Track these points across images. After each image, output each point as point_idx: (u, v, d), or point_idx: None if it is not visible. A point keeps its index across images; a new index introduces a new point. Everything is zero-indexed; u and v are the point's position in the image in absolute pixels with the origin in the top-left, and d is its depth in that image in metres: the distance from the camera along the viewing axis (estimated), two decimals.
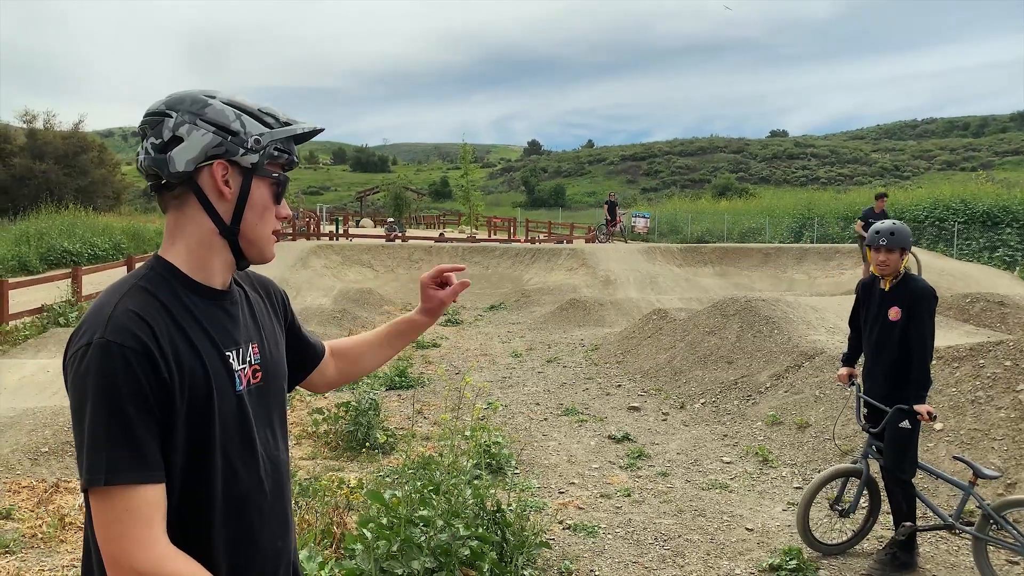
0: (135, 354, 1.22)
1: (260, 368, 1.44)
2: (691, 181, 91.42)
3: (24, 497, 5.11)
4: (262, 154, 1.37)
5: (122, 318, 1.24)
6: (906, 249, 4.33)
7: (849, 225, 29.93)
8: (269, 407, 1.47)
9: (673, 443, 7.03)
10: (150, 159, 1.33)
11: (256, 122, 1.38)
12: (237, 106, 1.37)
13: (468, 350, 11.75)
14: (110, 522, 1.19)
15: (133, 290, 1.30)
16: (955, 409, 6.05)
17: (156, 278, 1.33)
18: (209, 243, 1.37)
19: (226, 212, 1.37)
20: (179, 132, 1.32)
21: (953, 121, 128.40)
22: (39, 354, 9.85)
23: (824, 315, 9.91)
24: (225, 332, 1.38)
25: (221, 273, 1.41)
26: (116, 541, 1.19)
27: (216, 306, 1.39)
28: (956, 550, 4.73)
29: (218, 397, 1.32)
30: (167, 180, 1.34)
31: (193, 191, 1.35)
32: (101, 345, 1.21)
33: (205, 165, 1.34)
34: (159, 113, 1.35)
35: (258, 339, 1.46)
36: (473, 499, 4.13)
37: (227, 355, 1.36)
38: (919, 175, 79.68)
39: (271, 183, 1.40)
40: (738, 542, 4.87)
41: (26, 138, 42.66)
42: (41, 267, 20.99)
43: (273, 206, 1.42)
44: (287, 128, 1.41)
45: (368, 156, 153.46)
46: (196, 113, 1.33)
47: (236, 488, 1.35)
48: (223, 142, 1.33)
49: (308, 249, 19.99)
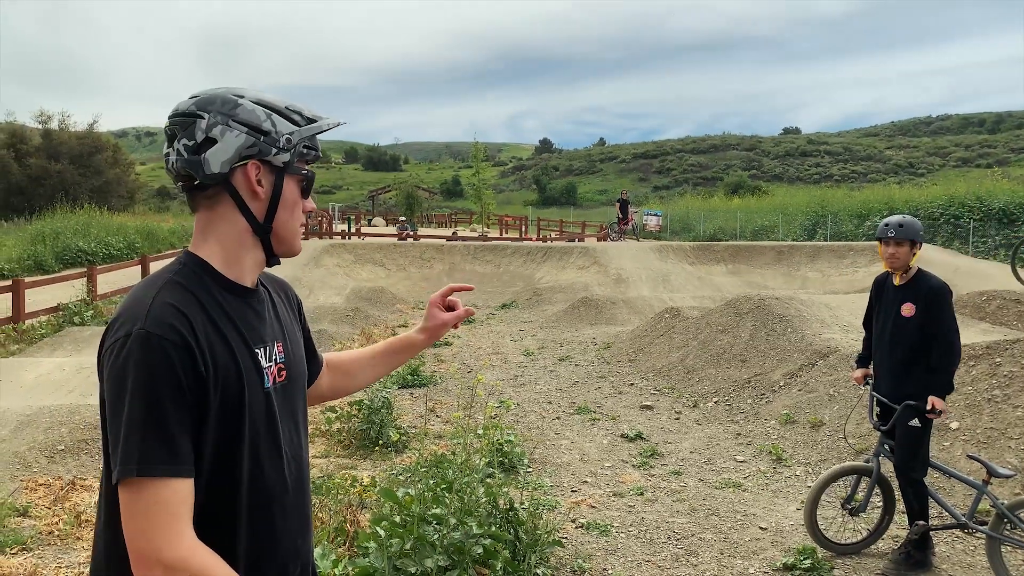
0: (174, 347, 1.23)
1: (285, 367, 1.45)
2: (703, 179, 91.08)
3: (41, 495, 5.16)
4: (293, 152, 1.39)
5: (161, 311, 1.25)
6: (916, 242, 4.29)
7: (863, 222, 29.75)
8: (293, 406, 1.48)
9: (686, 442, 7.01)
10: (183, 161, 1.34)
11: (285, 121, 1.39)
12: (266, 105, 1.38)
13: (480, 349, 11.76)
14: (139, 514, 1.19)
15: (169, 284, 1.31)
16: (971, 408, 6.01)
17: (190, 274, 1.35)
18: (242, 241, 1.39)
19: (259, 211, 1.39)
20: (212, 133, 1.33)
21: (968, 117, 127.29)
22: (55, 352, 9.94)
23: (838, 313, 9.85)
24: (254, 330, 1.39)
25: (251, 271, 1.43)
26: (144, 534, 1.19)
27: (245, 304, 1.40)
28: (972, 550, 4.69)
29: (248, 394, 1.33)
30: (201, 181, 1.35)
31: (227, 191, 1.36)
32: (141, 336, 1.21)
33: (239, 166, 1.35)
34: (190, 114, 1.35)
35: (282, 338, 1.47)
36: (486, 497, 4.13)
37: (256, 352, 1.37)
38: (934, 172, 79.05)
39: (300, 179, 1.43)
40: (752, 541, 4.85)
41: (41, 138, 43.05)
42: (57, 266, 21.16)
43: (301, 201, 1.45)
44: (314, 125, 1.43)
45: (380, 155, 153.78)
46: (228, 114, 1.34)
47: (261, 485, 1.36)
48: (256, 143, 1.35)
49: (321, 248, 20.06)
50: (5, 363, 8.77)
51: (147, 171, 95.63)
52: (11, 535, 4.47)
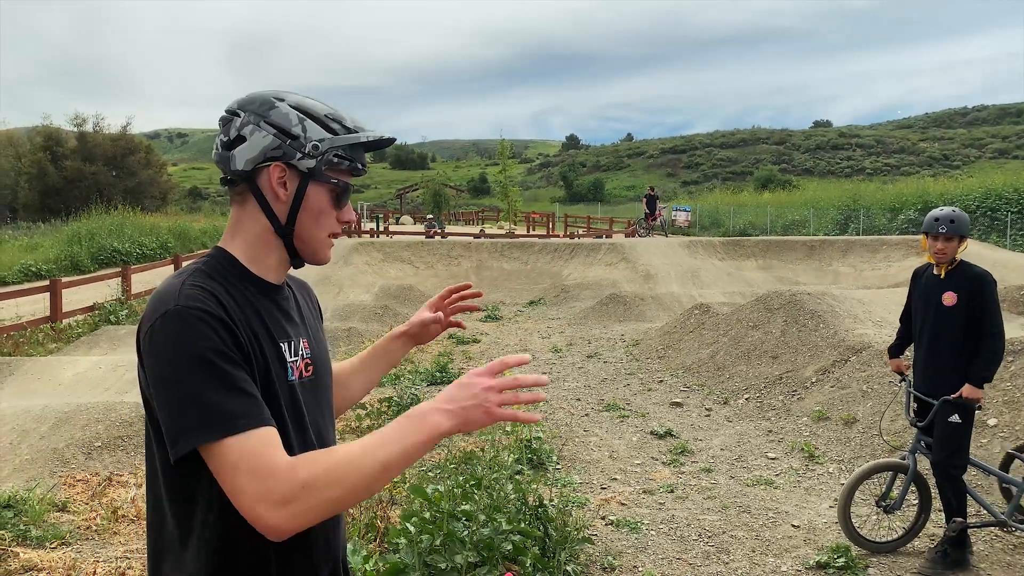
0: (211, 317, 1.25)
1: (311, 362, 1.46)
2: (733, 173, 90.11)
3: (79, 490, 5.26)
4: (320, 160, 1.39)
5: (192, 291, 1.27)
6: (965, 236, 4.21)
7: (896, 216, 29.27)
8: (321, 401, 1.49)
9: (717, 439, 6.95)
10: (217, 155, 1.41)
11: (320, 127, 1.40)
12: (304, 110, 1.40)
13: (508, 345, 11.76)
14: (233, 471, 1.18)
15: (196, 273, 1.34)
16: (1010, 404, 5.88)
17: (216, 265, 1.37)
18: (265, 240, 1.41)
19: (281, 212, 1.40)
20: (243, 132, 1.37)
21: (1006, 108, 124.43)
22: (91, 351, 10.13)
23: (871, 308, 9.70)
24: (278, 324, 1.40)
25: (276, 269, 1.44)
26: (245, 490, 1.17)
27: (270, 299, 1.42)
28: (1012, 548, 4.59)
29: (277, 383, 1.34)
30: (230, 177, 1.40)
31: (251, 190, 1.39)
32: (177, 312, 1.23)
33: (264, 166, 1.37)
34: (231, 112, 1.41)
35: (307, 335, 1.48)
36: (515, 494, 4.13)
37: (280, 345, 1.38)
38: (970, 164, 77.43)
39: (330, 188, 1.42)
40: (784, 539, 4.79)
41: (76, 141, 43.85)
42: (92, 266, 21.55)
43: (332, 210, 1.43)
44: (350, 136, 1.42)
45: (407, 154, 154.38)
46: (261, 115, 1.38)
47: None
48: (281, 145, 1.37)
49: (350, 246, 20.21)
50: (43, 361, 8.96)
51: (179, 172, 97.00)
52: (50, 530, 4.56)
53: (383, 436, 1.24)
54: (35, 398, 7.43)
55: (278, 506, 1.17)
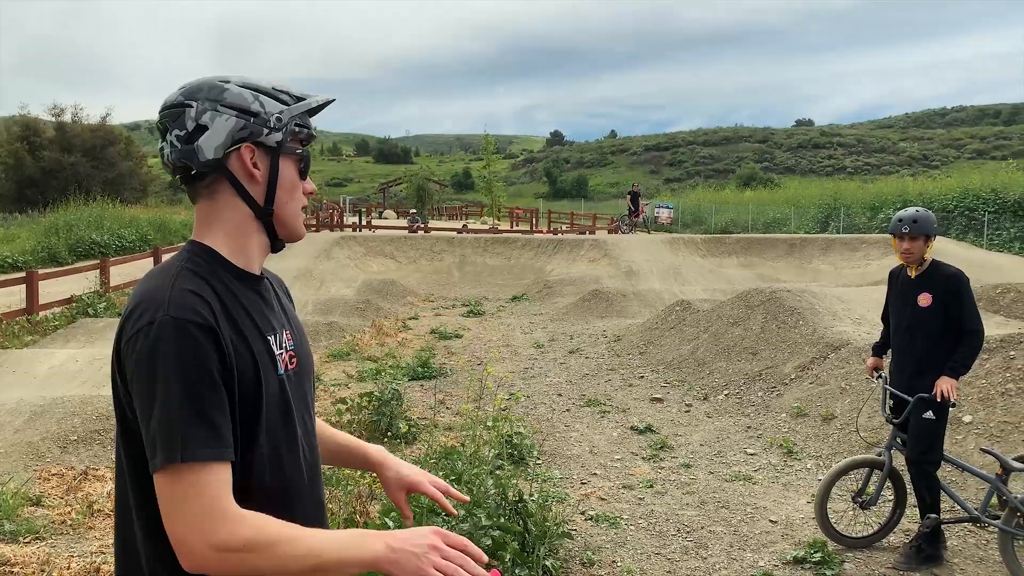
0: (201, 330, 1.22)
1: (295, 354, 1.44)
2: (715, 171, 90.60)
3: (54, 484, 5.20)
4: (285, 131, 1.38)
5: (182, 297, 1.24)
6: (931, 236, 4.26)
7: (876, 215, 29.55)
8: (304, 394, 1.48)
9: (696, 435, 6.99)
10: (177, 152, 1.34)
11: (273, 101, 1.39)
12: (252, 87, 1.38)
13: (490, 341, 11.76)
14: (182, 501, 1.17)
15: (184, 272, 1.30)
16: (984, 401, 5.96)
17: (200, 262, 1.34)
18: (246, 227, 1.39)
19: (259, 194, 1.38)
20: (203, 120, 1.33)
21: (984, 109, 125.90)
22: (68, 344, 10.01)
23: (850, 306, 9.79)
24: (264, 317, 1.39)
25: (258, 257, 1.43)
26: (190, 521, 1.16)
27: (254, 291, 1.40)
28: (985, 544, 4.66)
29: (265, 380, 1.32)
30: (198, 170, 1.35)
31: (225, 177, 1.36)
32: (166, 322, 1.21)
33: (233, 150, 1.35)
34: (178, 105, 1.35)
35: (289, 327, 1.47)
36: (495, 489, 4.13)
37: (268, 339, 1.37)
38: (948, 164, 78.34)
39: (296, 160, 1.42)
40: (762, 534, 4.83)
41: (55, 131, 43.23)
42: (70, 258, 21.28)
43: (300, 183, 1.44)
44: (303, 103, 1.42)
45: (391, 148, 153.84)
46: (216, 99, 1.34)
47: (279, 473, 1.35)
48: (247, 124, 1.35)
49: (332, 240, 20.10)
50: (19, 354, 8.84)
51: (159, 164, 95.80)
52: (24, 524, 4.51)
53: (329, 539, 1.22)
54: (10, 391, 7.33)
55: (212, 549, 1.16)
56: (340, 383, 8.52)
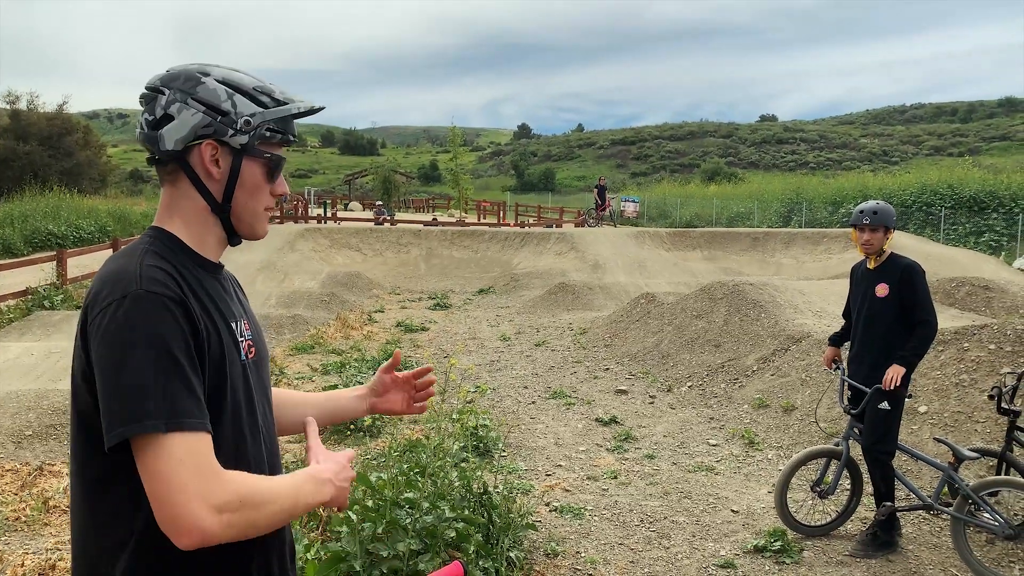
0: (173, 302, 1.22)
1: (253, 344, 1.44)
2: (680, 166, 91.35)
3: (8, 480, 5.08)
4: (252, 135, 1.36)
5: (152, 271, 1.24)
6: (890, 228, 4.36)
7: (837, 209, 30.04)
8: (263, 383, 1.48)
9: (660, 426, 7.06)
10: (143, 135, 1.36)
11: (249, 101, 1.37)
12: (232, 84, 1.36)
13: (457, 334, 11.74)
14: (169, 471, 1.14)
15: (150, 253, 1.29)
16: (939, 392, 6.10)
17: (163, 247, 1.33)
18: (203, 219, 1.39)
19: (216, 190, 1.37)
20: (170, 110, 1.33)
21: (941, 107, 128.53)
22: (23, 337, 9.78)
23: (811, 299, 9.95)
24: (226, 304, 1.39)
25: (215, 248, 1.42)
26: (180, 489, 1.14)
27: (215, 279, 1.40)
28: (939, 531, 4.78)
29: (229, 361, 1.32)
30: (159, 157, 1.35)
31: (183, 168, 1.35)
32: (140, 296, 1.20)
33: (194, 144, 1.34)
34: (154, 89, 1.36)
35: (246, 318, 1.46)
36: (459, 481, 4.13)
37: (231, 325, 1.37)
38: (907, 160, 79.87)
39: (264, 163, 1.40)
40: (723, 524, 4.90)
41: (9, 119, 42.11)
42: (25, 250, 20.79)
43: (266, 185, 1.42)
44: (281, 108, 1.40)
45: (357, 139, 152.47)
46: (188, 92, 1.33)
47: (243, 460, 1.34)
48: (212, 123, 1.33)
49: (296, 232, 19.88)
50: None
51: (119, 153, 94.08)
52: None
53: (294, 486, 1.30)
54: None
55: (214, 511, 1.15)
56: (304, 376, 8.45)
